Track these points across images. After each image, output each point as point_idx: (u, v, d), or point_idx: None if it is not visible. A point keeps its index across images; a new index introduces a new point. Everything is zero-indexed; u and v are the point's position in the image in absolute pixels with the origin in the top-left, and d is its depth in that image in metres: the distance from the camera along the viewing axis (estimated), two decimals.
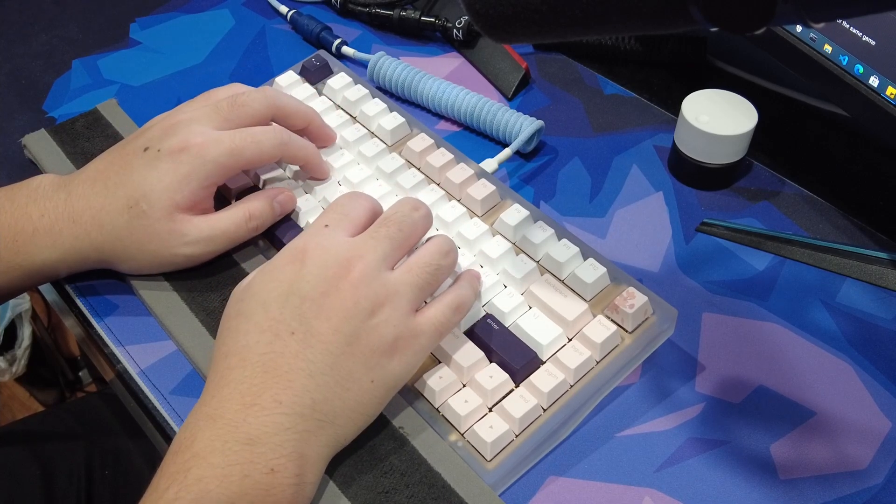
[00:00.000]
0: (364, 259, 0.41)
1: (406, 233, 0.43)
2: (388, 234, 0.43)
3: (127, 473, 0.70)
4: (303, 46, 0.69)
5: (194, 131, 0.47)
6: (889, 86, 0.45)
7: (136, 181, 0.47)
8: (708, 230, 0.54)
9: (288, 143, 0.50)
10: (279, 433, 0.37)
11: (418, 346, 0.41)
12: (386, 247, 0.42)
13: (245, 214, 0.49)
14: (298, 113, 0.52)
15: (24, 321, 1.21)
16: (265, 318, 0.40)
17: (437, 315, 0.42)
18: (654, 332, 0.46)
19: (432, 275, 0.43)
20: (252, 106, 0.50)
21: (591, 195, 0.56)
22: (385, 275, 0.41)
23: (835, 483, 0.42)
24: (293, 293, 0.40)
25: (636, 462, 0.43)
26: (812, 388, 0.46)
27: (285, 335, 0.39)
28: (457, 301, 0.43)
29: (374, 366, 0.40)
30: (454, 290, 0.44)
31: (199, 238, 0.48)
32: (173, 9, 0.73)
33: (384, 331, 0.40)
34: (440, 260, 0.43)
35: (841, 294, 0.50)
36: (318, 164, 0.53)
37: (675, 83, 0.65)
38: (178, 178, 0.46)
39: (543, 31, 0.32)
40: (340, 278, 0.40)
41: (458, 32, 0.66)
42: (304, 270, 0.40)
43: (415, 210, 0.44)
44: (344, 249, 0.41)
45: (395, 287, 0.41)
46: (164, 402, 0.46)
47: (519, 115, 0.58)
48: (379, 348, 0.40)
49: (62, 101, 0.65)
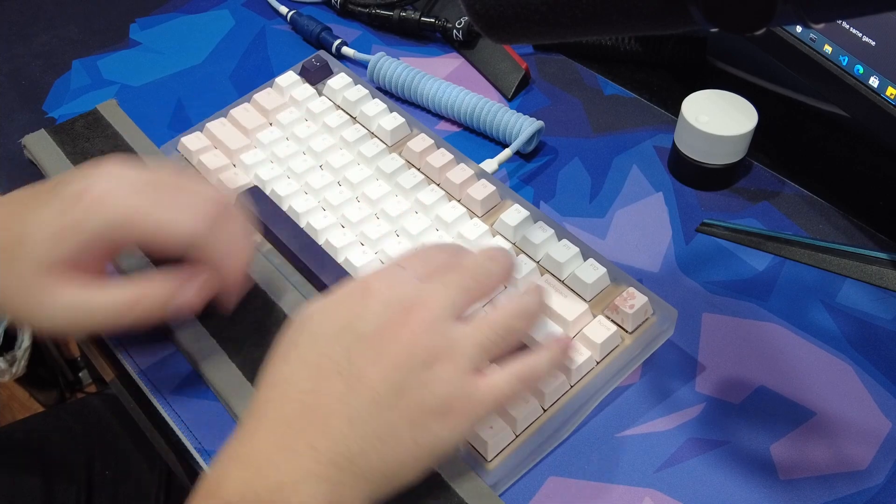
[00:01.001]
0: (429, 305, 0.37)
1: (480, 283, 0.39)
2: (460, 282, 0.38)
3: (127, 473, 0.70)
4: (303, 47, 0.69)
5: (104, 176, 0.41)
6: (889, 86, 0.45)
7: (26, 219, 0.40)
8: (708, 230, 0.54)
9: (218, 226, 0.41)
10: (311, 482, 0.34)
11: (471, 414, 0.37)
12: (455, 295, 0.38)
13: (132, 297, 0.41)
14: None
15: None
16: (313, 352, 0.37)
17: (500, 384, 0.37)
18: (654, 333, 0.46)
19: (502, 336, 0.38)
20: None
21: (591, 195, 0.56)
22: (449, 326, 0.37)
23: (835, 483, 0.42)
24: (348, 329, 0.37)
25: (636, 462, 0.43)
26: (812, 389, 0.46)
27: (331, 374, 0.36)
28: (526, 373, 0.38)
29: (419, 425, 0.36)
30: (527, 359, 0.39)
31: (65, 306, 0.40)
32: (173, 9, 0.73)
33: (436, 388, 0.36)
34: (515, 321, 0.39)
35: (841, 294, 0.50)
36: (237, 272, 0.44)
37: (674, 83, 0.65)
38: (61, 228, 0.40)
39: (543, 32, 0.32)
40: (400, 322, 0.36)
41: (458, 33, 0.66)
42: (365, 307, 0.37)
43: (492, 260, 0.40)
44: (410, 291, 0.38)
45: (457, 341, 0.37)
46: (163, 402, 0.46)
47: (519, 115, 0.58)
48: (428, 407, 0.36)
49: (62, 101, 0.65)
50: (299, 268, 0.50)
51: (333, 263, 0.49)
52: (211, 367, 0.46)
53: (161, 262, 0.45)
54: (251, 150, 0.57)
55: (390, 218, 0.51)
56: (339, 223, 0.52)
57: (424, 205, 0.52)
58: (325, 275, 0.49)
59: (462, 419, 0.36)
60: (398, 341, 0.36)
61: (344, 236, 0.51)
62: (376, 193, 0.53)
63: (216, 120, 0.58)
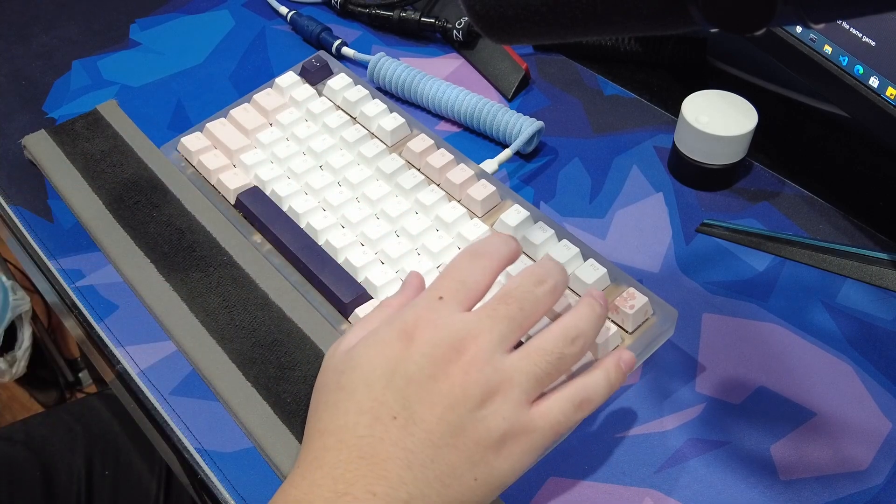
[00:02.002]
0: (478, 341, 0.37)
1: (527, 311, 0.38)
2: (507, 312, 0.38)
3: (127, 473, 0.70)
4: (303, 47, 0.69)
5: None
6: (889, 86, 0.45)
7: None
8: (708, 231, 0.54)
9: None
10: None
11: (530, 445, 0.37)
12: (503, 328, 0.37)
13: None
14: None
15: (24, 322, 1.21)
16: (367, 398, 0.36)
17: (555, 411, 0.37)
18: (654, 333, 0.46)
19: (553, 364, 0.37)
20: None
21: (591, 196, 0.56)
22: (500, 359, 0.37)
23: (835, 484, 0.42)
24: (398, 373, 0.36)
25: (636, 462, 0.43)
26: (812, 389, 0.46)
27: (387, 419, 0.35)
28: (581, 395, 0.38)
29: (478, 461, 0.36)
30: (580, 381, 0.38)
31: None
32: (173, 10, 0.73)
33: (493, 423, 0.36)
34: (564, 347, 0.38)
35: (841, 295, 0.50)
36: None
37: (674, 84, 0.65)
38: None
39: (543, 32, 0.32)
40: (450, 361, 0.36)
41: (458, 33, 0.66)
42: (413, 349, 0.37)
43: (539, 285, 0.39)
44: (457, 329, 0.37)
45: (510, 374, 0.36)
46: (163, 402, 0.46)
47: (519, 115, 0.58)
48: (486, 442, 0.36)
49: (62, 101, 0.65)
50: (299, 268, 0.50)
51: (333, 264, 0.49)
52: (211, 366, 0.46)
53: None
54: (251, 150, 0.57)
55: (390, 218, 0.51)
56: (339, 223, 0.52)
57: (424, 205, 0.52)
58: (325, 275, 0.49)
59: (520, 451, 0.36)
60: (450, 381, 0.36)
61: (344, 237, 0.51)
62: (376, 194, 0.53)
63: (216, 120, 0.58)
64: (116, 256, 0.52)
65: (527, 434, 0.36)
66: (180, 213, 0.54)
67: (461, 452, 0.35)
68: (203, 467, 0.44)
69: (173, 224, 0.53)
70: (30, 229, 0.56)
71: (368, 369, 0.37)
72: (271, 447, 0.43)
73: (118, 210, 0.54)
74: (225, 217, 0.53)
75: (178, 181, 0.55)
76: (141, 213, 0.54)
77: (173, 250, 0.52)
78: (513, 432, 0.36)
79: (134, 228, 0.53)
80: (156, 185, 0.55)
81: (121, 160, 0.57)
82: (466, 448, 0.35)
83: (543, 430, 0.37)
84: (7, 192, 0.58)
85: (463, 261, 0.40)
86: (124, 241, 0.52)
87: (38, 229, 0.55)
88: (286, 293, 0.49)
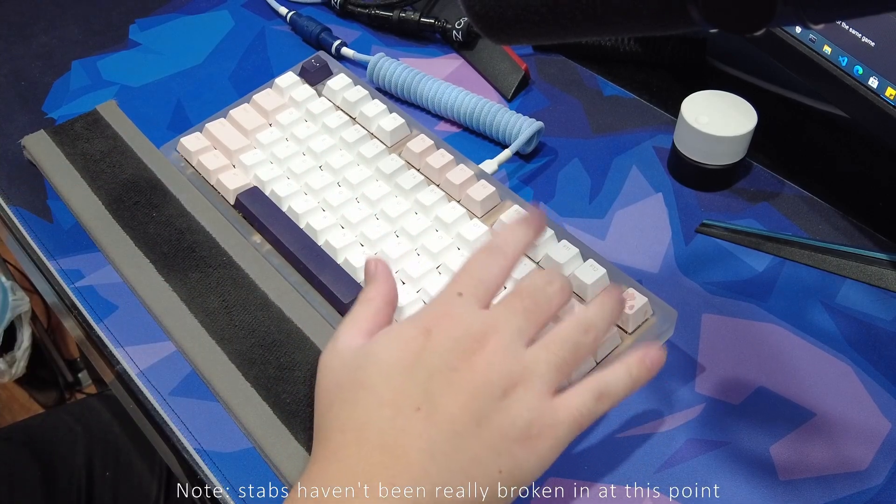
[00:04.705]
0: (499, 332, 0.37)
1: (542, 307, 0.38)
2: (524, 306, 0.38)
3: (127, 474, 0.70)
4: (302, 47, 0.69)
5: None
6: (889, 87, 0.45)
7: None
8: (707, 231, 0.54)
9: None
10: None
11: (553, 438, 0.36)
12: (521, 321, 0.38)
13: None
14: None
15: (23, 323, 1.21)
16: (387, 390, 0.36)
17: (577, 403, 0.37)
18: (653, 333, 0.46)
19: (571, 353, 0.38)
20: None
21: (591, 196, 0.56)
22: (520, 351, 0.37)
23: (835, 484, 0.42)
24: (420, 366, 0.36)
25: (636, 463, 0.43)
26: (812, 389, 0.46)
27: (409, 411, 0.35)
28: (601, 387, 0.38)
29: (503, 452, 0.35)
30: (599, 374, 0.38)
31: None
32: (173, 10, 0.73)
33: (517, 413, 0.35)
34: (580, 336, 0.38)
35: (840, 295, 0.50)
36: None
37: (674, 84, 0.65)
38: None
39: (543, 33, 0.32)
40: (473, 352, 0.36)
41: (458, 34, 0.66)
42: (434, 342, 0.36)
43: (549, 284, 0.39)
44: (478, 323, 0.37)
45: (531, 365, 0.37)
46: (163, 402, 0.46)
47: (518, 116, 0.58)
48: (510, 433, 0.35)
49: (62, 102, 0.65)
50: (299, 268, 0.50)
51: (333, 264, 0.49)
52: (210, 367, 0.46)
53: None
54: (251, 150, 0.57)
55: (390, 218, 0.51)
56: (339, 224, 0.52)
57: (424, 205, 0.52)
58: (325, 275, 0.49)
59: (544, 444, 0.36)
60: (473, 371, 0.36)
61: (344, 237, 0.51)
62: (376, 194, 0.53)
63: (216, 120, 0.58)
64: (116, 257, 0.52)
65: (551, 426, 0.36)
66: (180, 214, 0.54)
67: (485, 442, 0.35)
68: (203, 467, 0.44)
69: (173, 224, 0.53)
70: (29, 229, 0.56)
71: (388, 364, 0.37)
72: (271, 447, 0.43)
73: (118, 210, 0.54)
74: (224, 217, 0.53)
75: (177, 181, 0.55)
76: (140, 213, 0.54)
77: (173, 251, 0.52)
78: (537, 423, 0.36)
79: (133, 229, 0.53)
80: (155, 186, 0.55)
81: (120, 160, 0.57)
82: (491, 437, 0.35)
83: (566, 422, 0.37)
84: (7, 193, 0.58)
85: (480, 258, 0.40)
86: (124, 241, 0.52)
87: (38, 229, 0.55)
88: (286, 293, 0.49)
